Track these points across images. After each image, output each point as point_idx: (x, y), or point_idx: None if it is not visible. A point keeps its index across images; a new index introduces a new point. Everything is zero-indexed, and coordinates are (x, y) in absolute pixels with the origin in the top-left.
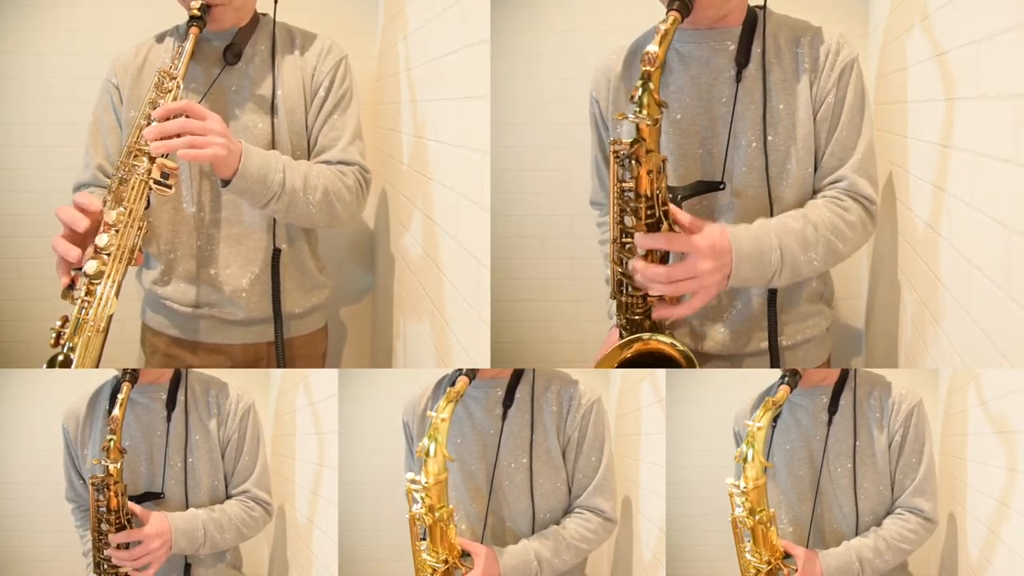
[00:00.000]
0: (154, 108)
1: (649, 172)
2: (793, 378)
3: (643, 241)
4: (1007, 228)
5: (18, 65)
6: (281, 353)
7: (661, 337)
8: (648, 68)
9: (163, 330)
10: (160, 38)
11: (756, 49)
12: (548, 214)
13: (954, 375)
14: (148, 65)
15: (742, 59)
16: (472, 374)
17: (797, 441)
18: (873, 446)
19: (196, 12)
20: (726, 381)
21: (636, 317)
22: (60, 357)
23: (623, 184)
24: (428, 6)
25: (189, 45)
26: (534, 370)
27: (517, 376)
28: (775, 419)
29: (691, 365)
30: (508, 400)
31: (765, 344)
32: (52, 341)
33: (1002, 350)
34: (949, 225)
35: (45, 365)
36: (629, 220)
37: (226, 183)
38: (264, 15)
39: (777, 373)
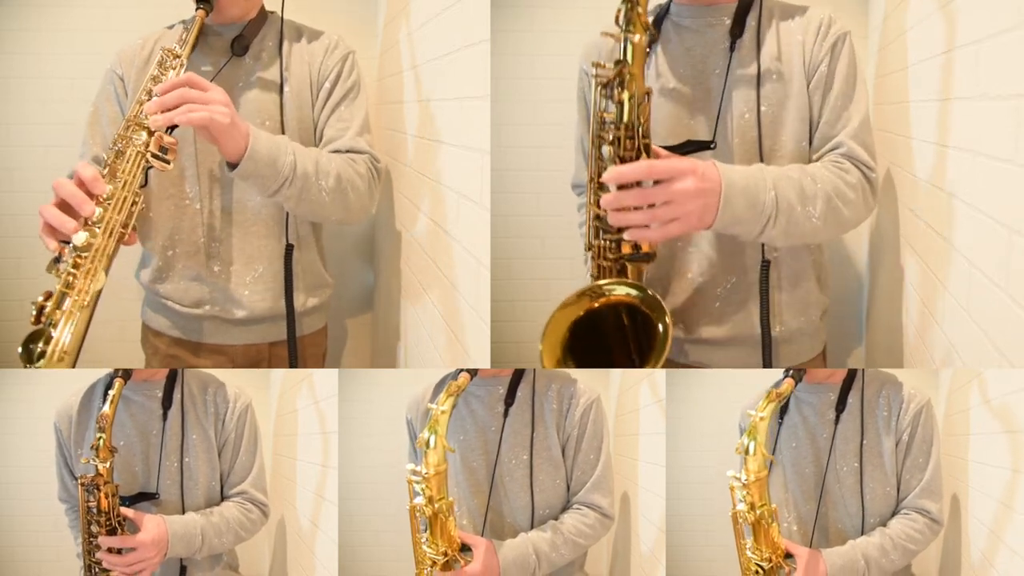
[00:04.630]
0: (156, 84)
1: (631, 98)
2: (798, 372)
3: (620, 173)
4: (1007, 228)
5: (18, 65)
6: (293, 350)
7: (619, 286)
8: None
9: (164, 331)
10: (168, 27)
11: (751, 22)
12: (548, 214)
13: (955, 375)
14: (154, 57)
15: (736, 30)
16: (473, 372)
17: (803, 438)
18: (880, 446)
19: None
20: (726, 381)
21: (607, 263)
22: (41, 344)
23: (604, 115)
24: (428, 6)
25: (195, 27)
26: (535, 370)
27: (519, 375)
28: (782, 416)
29: (653, 304)
30: (510, 398)
31: (758, 331)
32: (33, 318)
33: (1002, 350)
34: (949, 225)
35: (20, 348)
36: (608, 151)
37: (233, 167)
38: (272, 13)
39: (779, 373)
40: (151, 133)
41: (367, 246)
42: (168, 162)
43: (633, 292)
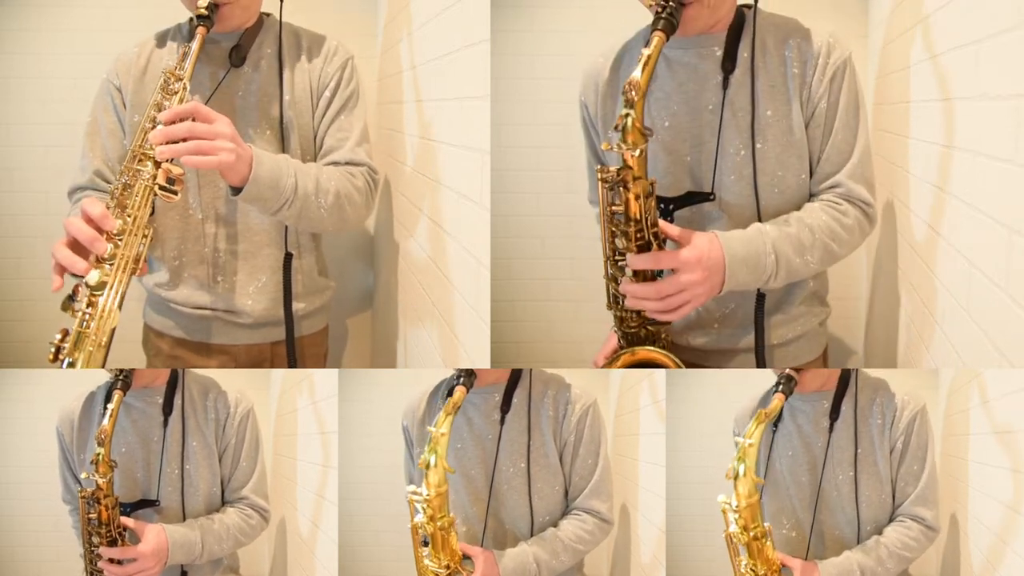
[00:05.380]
0: (159, 110)
1: (637, 197)
2: (788, 384)
3: (633, 262)
4: (1007, 228)
5: (18, 65)
6: (292, 354)
7: (651, 348)
8: (632, 95)
9: (167, 331)
10: (162, 38)
11: (743, 53)
12: (548, 214)
13: (955, 375)
14: (151, 67)
15: (729, 65)
16: (469, 382)
17: (799, 447)
18: (875, 454)
19: (203, 11)
20: (725, 381)
21: (632, 329)
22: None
23: (613, 207)
24: (428, 6)
25: (196, 46)
26: (531, 373)
27: (514, 381)
28: (776, 424)
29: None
30: (506, 406)
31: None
32: (51, 356)
33: (1002, 350)
34: (949, 225)
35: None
36: (620, 242)
37: (236, 191)
38: (269, 15)
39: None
40: (157, 164)
41: (367, 246)
42: (175, 193)
43: (671, 357)
